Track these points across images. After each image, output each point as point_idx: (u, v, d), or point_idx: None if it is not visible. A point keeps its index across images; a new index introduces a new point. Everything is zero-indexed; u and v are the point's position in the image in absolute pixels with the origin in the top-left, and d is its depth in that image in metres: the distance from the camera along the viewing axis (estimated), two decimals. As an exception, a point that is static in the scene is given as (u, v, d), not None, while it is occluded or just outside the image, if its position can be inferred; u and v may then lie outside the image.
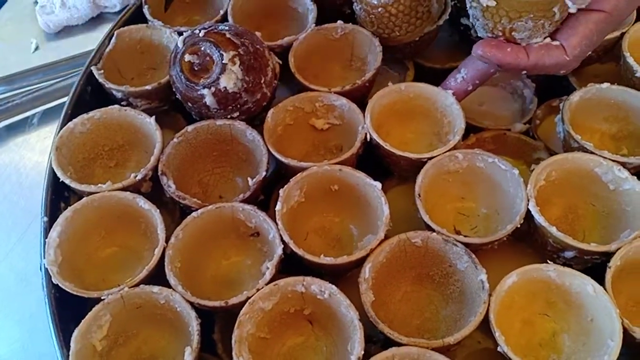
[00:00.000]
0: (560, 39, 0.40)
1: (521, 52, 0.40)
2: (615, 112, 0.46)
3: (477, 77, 0.44)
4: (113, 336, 0.39)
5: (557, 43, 0.39)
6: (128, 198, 0.42)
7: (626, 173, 0.40)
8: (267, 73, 0.46)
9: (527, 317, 0.39)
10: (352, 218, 0.45)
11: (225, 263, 0.43)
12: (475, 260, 0.38)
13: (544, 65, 0.40)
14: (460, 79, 0.45)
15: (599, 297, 0.36)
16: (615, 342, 0.34)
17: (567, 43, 0.39)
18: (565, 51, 0.39)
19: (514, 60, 0.40)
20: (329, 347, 0.39)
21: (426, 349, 0.35)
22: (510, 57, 0.40)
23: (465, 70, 0.44)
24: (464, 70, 0.44)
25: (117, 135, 0.48)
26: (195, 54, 0.43)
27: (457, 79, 0.45)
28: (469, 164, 0.43)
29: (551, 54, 0.39)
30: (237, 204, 0.42)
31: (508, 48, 0.40)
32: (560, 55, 0.39)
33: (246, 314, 0.37)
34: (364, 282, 0.38)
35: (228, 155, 0.47)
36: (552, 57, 0.39)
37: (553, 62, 0.39)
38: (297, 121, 0.48)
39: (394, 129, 0.48)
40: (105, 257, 0.44)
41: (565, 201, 0.43)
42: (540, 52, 0.39)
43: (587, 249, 0.38)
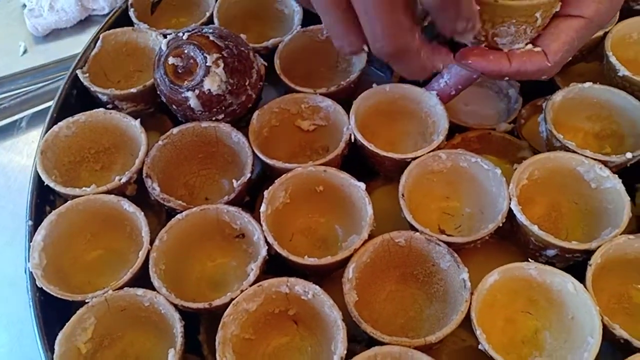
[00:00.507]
0: (541, 45, 0.40)
1: (503, 59, 0.40)
2: (598, 111, 0.46)
3: (459, 83, 0.44)
4: (98, 339, 0.39)
5: (539, 49, 0.40)
6: (112, 201, 0.42)
7: (607, 171, 0.41)
8: (252, 75, 0.46)
9: (509, 315, 0.39)
10: (337, 218, 0.45)
11: (210, 265, 0.44)
12: (457, 259, 0.38)
13: (526, 71, 0.40)
14: (444, 84, 0.45)
15: (580, 294, 0.36)
16: (595, 339, 0.34)
17: (548, 49, 0.39)
18: (547, 57, 0.39)
19: (496, 68, 0.40)
20: (314, 347, 0.39)
21: (408, 348, 0.35)
22: (493, 65, 0.40)
23: (449, 75, 0.45)
24: (447, 75, 0.45)
25: (103, 138, 0.48)
26: (178, 56, 0.43)
27: (441, 84, 0.45)
28: (453, 164, 0.43)
29: (533, 60, 0.39)
30: (222, 205, 0.42)
31: (490, 56, 0.40)
32: (542, 62, 0.39)
33: (230, 315, 0.37)
34: (348, 282, 0.38)
35: (214, 157, 0.47)
36: (534, 64, 0.39)
37: (535, 68, 0.40)
38: (283, 123, 0.48)
39: (379, 129, 0.48)
40: (91, 260, 0.44)
41: (548, 200, 0.44)
42: (522, 59, 0.40)
43: (568, 247, 0.38)
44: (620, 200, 0.40)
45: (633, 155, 0.41)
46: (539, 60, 0.39)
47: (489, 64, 0.40)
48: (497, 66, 0.40)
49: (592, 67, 0.53)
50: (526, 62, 0.39)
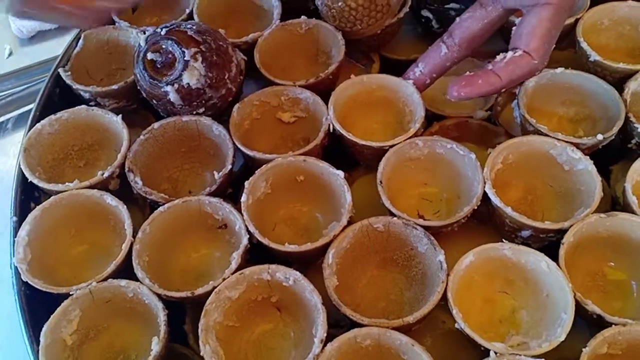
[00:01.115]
0: (522, 47, 0.40)
1: (492, 77, 0.41)
2: (571, 95, 0.47)
3: (434, 71, 0.45)
4: (84, 330, 0.39)
5: (520, 52, 0.40)
6: (95, 195, 0.43)
7: (579, 153, 0.42)
8: (232, 69, 0.47)
9: (487, 295, 0.40)
10: (318, 207, 0.46)
11: (194, 256, 0.44)
12: (434, 242, 0.39)
13: (518, 77, 0.41)
14: (419, 73, 0.46)
15: (553, 272, 0.37)
16: (568, 315, 0.35)
17: (529, 48, 0.40)
18: (531, 56, 0.40)
19: (490, 88, 0.41)
20: (297, 333, 0.40)
21: (387, 329, 0.36)
22: (485, 87, 0.41)
23: (423, 64, 0.46)
24: (421, 64, 0.46)
25: (86, 135, 0.48)
26: (157, 52, 0.44)
27: (416, 73, 0.46)
28: (430, 151, 0.44)
29: (520, 65, 0.40)
30: (204, 197, 0.43)
31: (479, 80, 0.41)
32: (529, 63, 0.40)
33: (212, 303, 0.38)
34: (328, 268, 0.39)
35: (196, 151, 0.48)
36: (522, 68, 0.40)
37: (525, 71, 0.41)
38: (264, 115, 0.49)
39: (358, 120, 0.49)
40: (76, 254, 0.44)
41: (523, 183, 0.45)
42: (509, 69, 0.40)
43: (541, 227, 0.39)
44: (592, 181, 0.41)
45: (604, 137, 0.42)
46: (526, 62, 0.40)
47: (480, 88, 0.41)
48: (490, 86, 0.41)
49: (566, 55, 0.54)
50: (514, 69, 0.40)
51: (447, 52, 0.44)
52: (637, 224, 0.39)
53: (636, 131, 0.43)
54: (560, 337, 0.35)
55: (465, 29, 0.43)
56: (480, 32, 0.43)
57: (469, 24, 0.43)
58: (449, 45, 0.44)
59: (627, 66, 0.46)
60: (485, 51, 0.51)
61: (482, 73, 0.41)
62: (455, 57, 0.45)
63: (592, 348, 0.34)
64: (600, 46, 0.50)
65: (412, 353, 0.35)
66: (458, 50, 0.44)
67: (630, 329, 0.35)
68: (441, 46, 0.45)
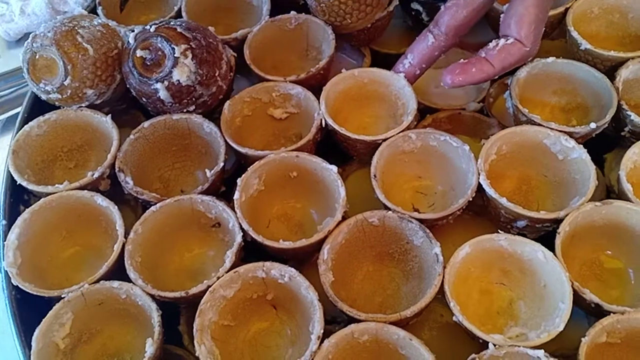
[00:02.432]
0: (511, 35, 0.41)
1: (484, 64, 0.41)
2: (563, 85, 0.47)
3: (423, 62, 0.45)
4: (76, 334, 0.39)
5: (512, 40, 0.41)
6: (86, 196, 0.42)
7: (573, 142, 0.42)
8: (222, 66, 0.46)
9: (484, 287, 0.40)
10: (312, 203, 0.45)
11: (188, 255, 0.44)
12: (429, 234, 0.39)
13: (510, 64, 0.41)
14: (408, 64, 0.46)
15: (550, 262, 0.37)
16: (566, 305, 0.35)
17: (519, 36, 0.40)
18: (522, 43, 0.40)
19: (483, 75, 0.42)
20: (294, 330, 0.40)
21: (384, 323, 0.35)
22: (478, 74, 0.42)
23: (412, 55, 0.46)
24: (410, 55, 0.46)
25: (75, 136, 0.48)
26: (147, 49, 0.43)
27: (405, 65, 0.46)
28: (423, 143, 0.44)
29: (512, 52, 0.41)
30: (196, 195, 0.42)
31: (472, 68, 0.42)
32: (520, 50, 0.41)
33: (207, 302, 0.37)
34: (323, 264, 0.39)
35: (187, 150, 0.48)
36: (514, 55, 0.41)
37: (517, 57, 0.41)
38: (256, 112, 0.49)
39: (351, 114, 0.48)
40: (68, 257, 0.44)
41: (518, 173, 0.44)
42: (501, 56, 0.41)
43: (537, 217, 0.39)
44: (586, 170, 0.41)
45: (597, 126, 0.42)
46: (517, 49, 0.40)
47: (473, 75, 0.41)
48: (483, 73, 0.41)
49: (557, 44, 0.54)
50: (506, 57, 0.41)
51: (434, 42, 0.44)
52: (632, 211, 0.39)
53: (629, 119, 0.43)
54: (559, 327, 0.34)
55: (450, 17, 0.43)
56: (465, 20, 0.43)
57: (454, 11, 0.43)
58: (436, 34, 0.44)
59: (618, 54, 0.46)
60: (475, 43, 0.51)
61: (476, 60, 0.41)
62: (443, 46, 0.44)
63: (591, 337, 0.34)
64: (590, 35, 0.50)
65: (410, 347, 0.35)
66: (445, 39, 0.44)
67: (629, 317, 0.35)
68: (428, 36, 0.45)
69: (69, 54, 0.44)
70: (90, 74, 0.45)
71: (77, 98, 0.46)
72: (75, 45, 0.45)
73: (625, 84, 0.45)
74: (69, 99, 0.46)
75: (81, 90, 0.46)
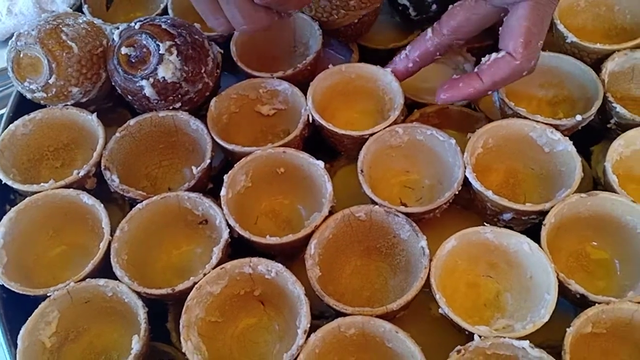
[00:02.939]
0: (503, 48, 0.40)
1: (474, 80, 0.41)
2: (549, 78, 0.47)
3: (418, 55, 0.45)
4: (63, 332, 0.39)
5: (503, 53, 0.40)
6: (72, 195, 0.42)
7: (558, 135, 0.42)
8: (208, 63, 0.46)
9: (471, 279, 0.40)
10: (299, 199, 0.45)
11: (175, 253, 0.44)
12: (415, 228, 0.39)
13: (501, 79, 0.40)
14: (404, 56, 0.46)
15: (535, 254, 0.37)
16: (551, 296, 0.35)
17: (509, 49, 0.39)
18: (512, 56, 0.39)
19: (471, 90, 0.41)
20: (282, 325, 0.40)
21: (370, 317, 0.35)
22: (466, 90, 0.41)
23: (410, 47, 0.45)
24: (408, 47, 0.45)
25: (62, 134, 0.48)
26: (131, 46, 0.43)
27: (401, 56, 0.46)
28: (410, 138, 0.44)
29: (500, 67, 0.40)
30: (182, 192, 0.42)
31: (460, 83, 0.41)
32: (509, 63, 0.39)
33: (193, 298, 0.37)
34: (310, 258, 0.39)
35: (174, 147, 0.47)
36: (503, 69, 0.40)
37: (507, 72, 0.40)
38: (243, 109, 0.48)
39: (338, 110, 0.48)
40: (54, 256, 0.43)
41: (505, 167, 0.45)
42: (491, 71, 0.40)
43: (522, 209, 0.39)
44: (572, 162, 0.41)
45: (583, 118, 0.42)
46: (506, 63, 0.39)
47: (462, 91, 0.41)
48: (471, 88, 0.41)
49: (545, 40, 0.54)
50: (495, 71, 0.40)
51: (431, 36, 0.44)
52: (617, 203, 0.39)
53: (614, 111, 0.44)
54: (544, 317, 0.35)
55: (452, 16, 0.42)
56: (466, 23, 0.42)
57: (457, 12, 0.42)
58: (435, 29, 0.44)
59: (604, 46, 0.46)
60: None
61: (466, 76, 0.41)
62: (438, 43, 0.44)
63: (576, 328, 0.34)
64: (577, 28, 0.50)
65: (396, 340, 0.35)
66: (441, 36, 0.43)
67: (613, 307, 0.35)
68: (428, 31, 0.44)
69: (53, 52, 0.44)
70: (75, 72, 0.45)
71: (63, 96, 0.46)
72: (60, 43, 0.45)
73: (611, 76, 0.45)
74: (54, 98, 0.46)
75: (66, 89, 0.45)
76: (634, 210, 0.38)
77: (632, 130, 0.42)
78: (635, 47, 0.46)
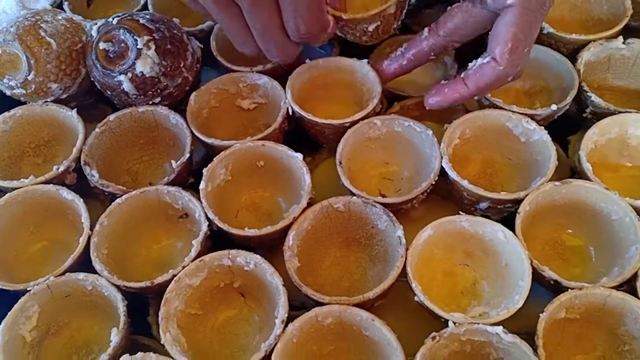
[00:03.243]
0: (489, 53, 0.40)
1: (459, 84, 0.41)
2: (526, 68, 0.47)
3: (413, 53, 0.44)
4: (44, 326, 0.39)
5: (488, 58, 0.39)
6: (51, 190, 0.42)
7: (534, 124, 0.42)
8: (187, 57, 0.46)
9: (448, 268, 0.40)
10: (280, 191, 0.45)
11: (156, 247, 0.44)
12: (392, 218, 0.39)
13: (485, 84, 0.40)
14: (399, 53, 0.45)
15: (510, 242, 0.37)
16: (525, 282, 0.36)
17: (494, 54, 0.39)
18: (497, 62, 0.39)
19: (457, 96, 0.41)
20: (261, 316, 0.40)
21: (347, 306, 0.36)
22: (451, 95, 0.41)
23: (406, 45, 0.45)
24: (405, 45, 0.45)
25: (42, 131, 0.48)
26: (109, 41, 0.43)
27: (396, 53, 0.45)
28: (388, 130, 0.44)
29: (484, 72, 0.39)
30: (162, 186, 0.42)
31: (446, 89, 0.41)
32: (493, 69, 0.39)
33: (172, 291, 0.37)
34: (288, 250, 0.39)
35: (155, 142, 0.48)
36: (487, 75, 0.39)
37: (492, 77, 0.39)
38: (223, 103, 0.49)
39: (318, 104, 0.49)
40: (35, 251, 0.44)
41: (482, 157, 0.45)
42: (475, 76, 0.40)
43: (497, 197, 0.39)
44: (547, 151, 0.41)
45: (558, 107, 0.43)
46: (490, 68, 0.39)
47: (447, 96, 0.41)
48: (457, 93, 0.41)
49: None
50: (479, 77, 0.40)
51: (427, 36, 0.43)
52: (591, 190, 0.39)
53: (589, 100, 0.44)
54: (518, 304, 0.35)
55: (449, 17, 0.42)
56: (462, 25, 0.42)
57: (454, 14, 0.42)
58: (432, 30, 0.43)
59: (580, 37, 0.46)
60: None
61: (452, 82, 0.41)
62: (433, 44, 0.43)
63: (549, 313, 0.35)
64: (555, 19, 0.50)
65: (373, 328, 0.35)
66: (437, 37, 0.43)
67: (586, 292, 0.35)
68: (425, 31, 0.44)
69: (31, 49, 0.44)
70: (54, 68, 0.45)
71: (42, 93, 0.46)
72: (38, 40, 0.45)
73: (587, 66, 0.46)
74: (33, 94, 0.46)
75: (45, 85, 0.46)
76: (608, 198, 0.39)
77: (606, 119, 0.43)
78: (610, 37, 0.47)
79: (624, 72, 0.47)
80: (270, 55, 0.42)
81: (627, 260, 0.37)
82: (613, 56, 0.47)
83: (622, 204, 0.38)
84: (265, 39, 0.40)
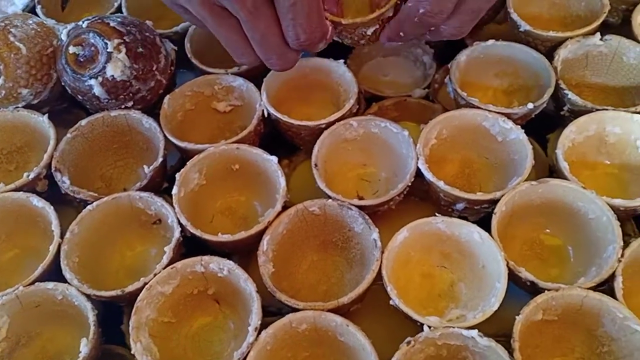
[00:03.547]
0: None
1: None
2: (504, 67, 0.47)
3: None
4: (14, 337, 0.38)
5: None
6: (22, 198, 0.41)
7: (510, 123, 0.42)
8: (160, 60, 0.45)
9: (425, 270, 0.40)
10: (255, 195, 0.45)
11: (130, 254, 0.43)
12: (368, 221, 0.38)
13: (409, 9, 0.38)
14: None
15: (486, 243, 0.37)
16: (501, 284, 0.35)
17: None
18: None
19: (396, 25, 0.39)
20: (237, 323, 0.39)
21: (321, 311, 0.35)
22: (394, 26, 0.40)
23: None
24: None
25: (14, 137, 0.47)
26: (79, 45, 0.43)
27: None
28: (365, 131, 0.44)
29: None
30: (134, 192, 0.41)
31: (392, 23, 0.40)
32: None
33: (144, 299, 0.37)
34: (263, 255, 0.38)
35: (128, 147, 0.47)
36: None
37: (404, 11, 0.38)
38: (198, 106, 0.48)
39: (295, 106, 0.48)
40: (6, 260, 0.43)
41: (460, 157, 0.44)
42: None
43: (474, 198, 0.39)
44: (524, 150, 0.41)
45: (535, 106, 0.42)
46: None
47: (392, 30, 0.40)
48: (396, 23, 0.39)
49: (503, 29, 0.54)
50: None
51: None
52: (568, 189, 0.39)
53: (567, 97, 0.44)
54: (494, 306, 0.34)
55: None
56: None
57: None
58: None
59: (557, 34, 0.46)
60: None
61: None
62: None
63: (525, 315, 0.34)
64: (533, 17, 0.50)
65: (347, 333, 0.35)
66: None
67: (563, 293, 0.35)
68: None
69: (0, 54, 0.43)
70: (24, 73, 0.44)
71: (13, 98, 0.45)
72: (7, 45, 0.44)
73: (564, 63, 0.45)
74: (4, 100, 0.45)
75: (16, 90, 0.45)
76: (585, 197, 0.38)
77: (583, 117, 0.42)
78: (588, 34, 0.46)
79: (602, 69, 0.47)
80: (271, 64, 0.41)
81: (604, 260, 0.36)
82: (591, 53, 0.46)
83: (599, 203, 0.38)
84: (264, 49, 0.39)
